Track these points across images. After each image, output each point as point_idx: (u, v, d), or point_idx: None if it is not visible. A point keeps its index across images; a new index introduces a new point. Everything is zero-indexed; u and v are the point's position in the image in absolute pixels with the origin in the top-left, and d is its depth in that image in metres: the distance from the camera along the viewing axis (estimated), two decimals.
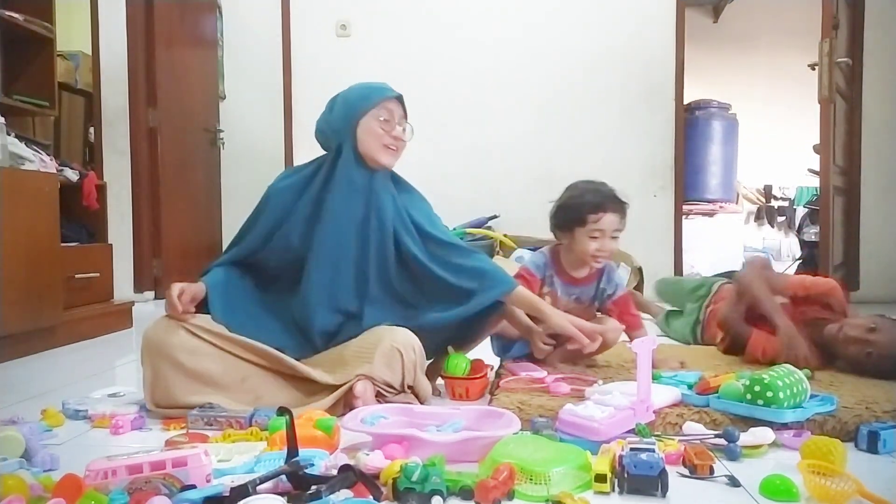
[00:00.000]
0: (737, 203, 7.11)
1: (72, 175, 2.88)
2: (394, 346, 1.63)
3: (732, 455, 1.31)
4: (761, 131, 7.10)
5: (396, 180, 1.83)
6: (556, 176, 4.13)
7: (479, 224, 3.78)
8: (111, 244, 3.19)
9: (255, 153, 5.17)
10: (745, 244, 6.94)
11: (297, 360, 1.69)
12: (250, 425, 1.51)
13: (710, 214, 6.68)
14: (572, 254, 1.98)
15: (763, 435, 1.37)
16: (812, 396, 1.49)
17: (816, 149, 4.87)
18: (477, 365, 1.81)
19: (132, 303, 3.15)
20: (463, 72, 4.20)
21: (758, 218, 7.58)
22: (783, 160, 7.33)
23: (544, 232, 3.85)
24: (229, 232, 5.07)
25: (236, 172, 5.16)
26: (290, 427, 1.16)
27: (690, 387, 1.61)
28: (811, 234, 4.94)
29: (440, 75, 4.17)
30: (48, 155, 2.78)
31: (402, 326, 1.69)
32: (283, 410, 1.23)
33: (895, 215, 3.86)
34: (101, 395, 1.77)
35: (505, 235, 3.72)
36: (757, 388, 1.43)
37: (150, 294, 4.22)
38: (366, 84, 1.77)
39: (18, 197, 2.41)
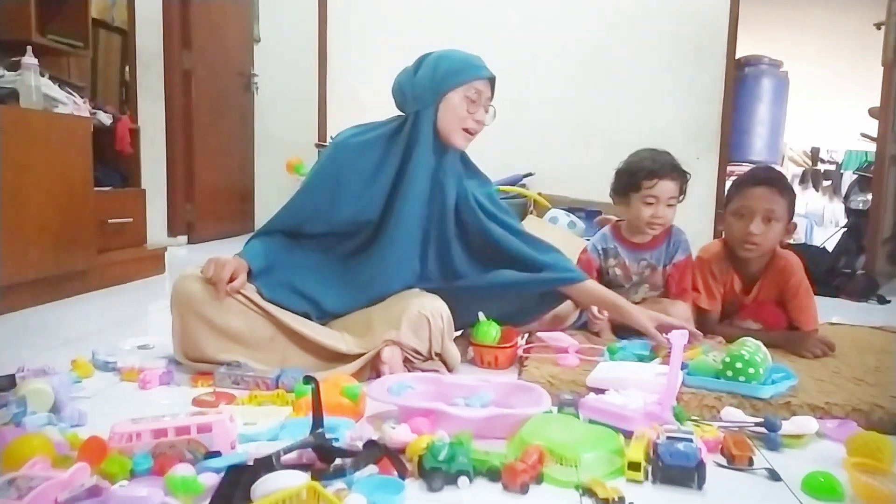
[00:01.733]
0: (781, 165, 6.86)
1: (105, 118, 2.86)
2: (421, 312, 1.59)
3: (773, 445, 1.26)
4: (812, 91, 6.80)
5: (465, 162, 1.80)
6: (595, 135, 4.06)
7: (514, 181, 3.69)
8: (144, 189, 3.18)
9: (289, 99, 5.11)
10: None
11: (330, 317, 1.68)
12: (277, 387, 1.50)
13: None
14: (630, 220, 1.98)
15: (806, 425, 1.31)
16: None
17: (872, 113, 4.64)
18: (507, 333, 1.77)
19: (165, 248, 3.17)
20: (502, 24, 4.04)
21: (802, 181, 7.31)
22: (833, 122, 7.04)
23: (579, 191, 3.80)
24: (262, 178, 5.09)
25: (270, 118, 5.12)
26: (316, 396, 1.14)
27: (642, 358, 1.63)
28: (858, 202, 4.73)
29: (478, 26, 4.02)
30: (82, 97, 2.75)
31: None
32: (308, 379, 1.21)
33: None
34: (131, 347, 1.78)
35: (539, 194, 3.63)
36: (738, 365, 1.44)
37: (184, 238, 4.24)
38: (461, 55, 1.66)
39: (52, 140, 2.39)
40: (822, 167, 7.31)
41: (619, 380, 1.44)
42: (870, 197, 4.66)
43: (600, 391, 1.41)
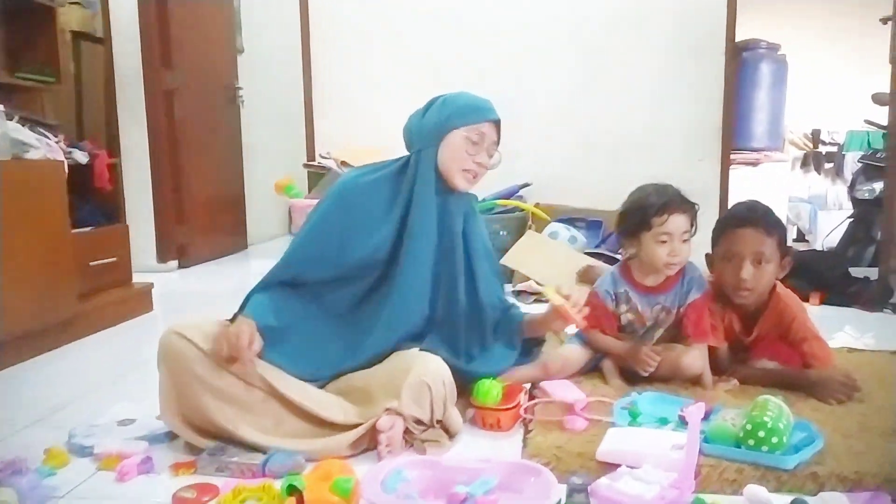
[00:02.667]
0: (783, 150, 6.73)
1: (81, 157, 2.74)
2: (423, 379, 1.48)
3: None
4: (811, 72, 6.66)
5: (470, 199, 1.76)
6: (595, 141, 3.92)
7: (511, 193, 3.57)
8: (128, 225, 3.08)
9: (275, 111, 4.98)
10: (791, 194, 6.60)
11: (329, 379, 1.60)
12: (263, 474, 1.40)
13: (754, 164, 6.30)
14: (643, 263, 1.84)
15: (835, 502, 1.21)
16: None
17: (876, 99, 4.50)
18: (509, 391, 1.66)
19: (151, 285, 3.05)
20: (495, 29, 3.89)
21: (804, 164, 7.19)
22: (833, 103, 6.90)
23: (580, 200, 3.68)
24: (252, 189, 4.97)
25: (257, 130, 4.98)
26: None
27: (663, 422, 1.53)
28: (864, 191, 4.62)
29: (471, 28, 3.88)
30: (55, 136, 2.63)
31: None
32: (292, 488, 1.10)
33: None
34: (110, 423, 1.67)
35: (537, 205, 3.51)
36: (761, 434, 1.34)
37: (174, 263, 4.12)
38: (469, 98, 1.66)
39: (22, 189, 2.28)
40: (823, 149, 7.18)
41: (632, 454, 1.33)
42: (876, 186, 4.55)
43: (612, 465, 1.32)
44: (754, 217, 1.77)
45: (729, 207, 1.95)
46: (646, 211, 1.77)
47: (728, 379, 1.81)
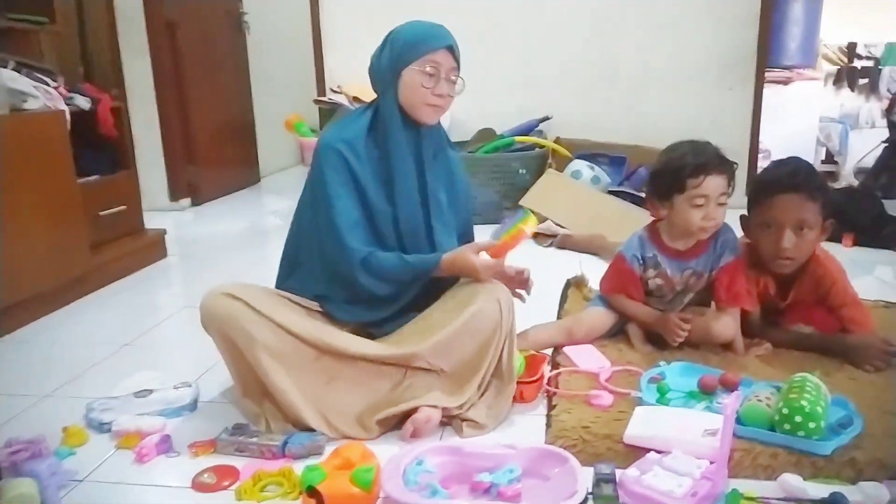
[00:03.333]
0: (815, 68, 6.39)
1: (83, 103, 2.62)
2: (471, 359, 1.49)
3: None
4: None
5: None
6: (619, 70, 3.69)
7: (529, 128, 3.41)
8: (136, 169, 2.99)
9: (283, 38, 4.77)
10: (822, 114, 6.31)
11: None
12: (283, 454, 1.38)
13: (786, 82, 6.01)
14: (675, 226, 1.73)
15: (876, 494, 1.16)
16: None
17: None
18: (532, 361, 1.61)
19: (164, 231, 2.99)
20: None
21: (837, 81, 6.84)
22: (872, 12, 6.47)
23: (601, 134, 3.51)
24: (262, 119, 4.83)
25: (265, 58, 4.80)
26: None
27: (693, 397, 1.49)
28: None
29: None
30: (55, 81, 2.52)
31: None
32: (312, 488, 1.07)
33: None
34: (128, 395, 1.64)
35: (557, 140, 3.36)
36: (798, 419, 1.27)
37: (187, 201, 4.07)
38: (416, 29, 1.53)
39: (24, 143, 2.19)
40: (858, 64, 6.81)
41: (661, 440, 1.29)
42: None
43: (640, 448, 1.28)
44: (797, 181, 1.64)
45: (766, 167, 1.79)
46: (680, 172, 1.64)
47: (760, 343, 1.74)
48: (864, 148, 5.82)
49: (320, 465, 1.26)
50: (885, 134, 4.67)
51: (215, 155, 4.31)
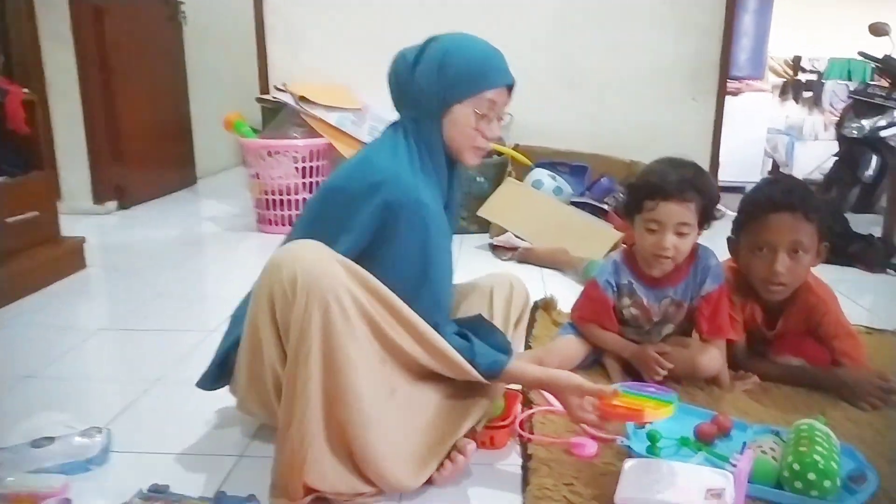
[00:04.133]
0: (763, 79, 6.47)
1: None
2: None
3: None
4: None
5: None
6: (580, 76, 3.56)
7: None
8: (53, 171, 2.70)
9: (223, 30, 4.46)
10: (769, 125, 6.38)
11: None
12: None
13: (735, 93, 6.05)
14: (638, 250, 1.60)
15: None
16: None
17: (874, 29, 4.22)
18: (510, 401, 1.42)
19: (83, 239, 2.68)
20: None
21: (783, 93, 6.98)
22: (816, 29, 6.61)
23: (563, 142, 3.37)
24: (200, 117, 4.50)
25: (203, 51, 4.49)
26: None
27: (685, 444, 1.32)
28: (853, 128, 4.39)
29: None
30: None
31: None
32: None
33: None
34: (23, 445, 1.36)
35: (516, 147, 3.19)
36: (811, 477, 1.12)
37: (113, 204, 3.72)
38: (476, 55, 1.29)
39: None
40: (803, 77, 6.94)
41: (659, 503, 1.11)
42: (865, 123, 4.34)
43: None
44: (792, 200, 1.50)
45: (757, 184, 1.66)
46: (639, 191, 1.51)
47: (748, 376, 1.60)
48: (810, 160, 5.90)
49: None
50: (832, 147, 4.69)
51: (146, 154, 3.98)
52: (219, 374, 1.34)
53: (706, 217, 1.52)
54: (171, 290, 2.44)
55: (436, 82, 1.26)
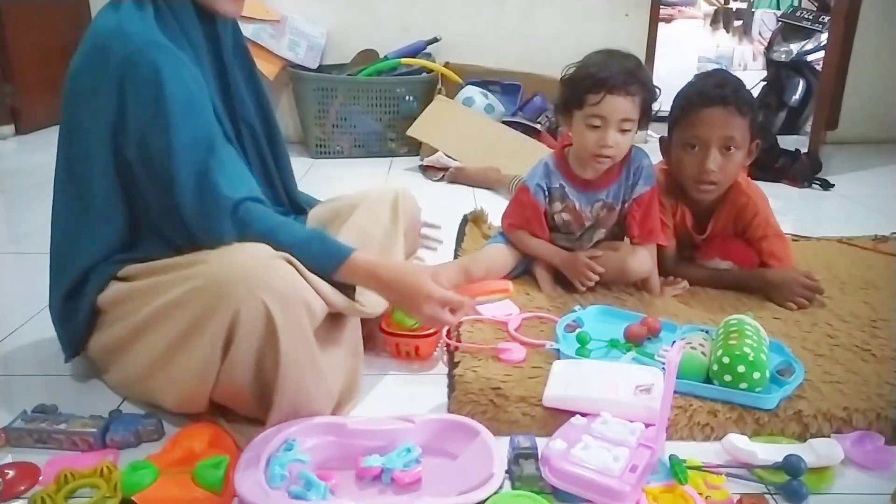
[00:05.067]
0: (695, 5, 6.45)
1: None
2: None
3: (798, 498, 0.94)
4: None
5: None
6: None
7: (417, 51, 3.06)
8: None
9: None
10: (700, 54, 6.38)
11: None
12: (104, 444, 1.04)
13: (668, 20, 6.01)
14: (575, 149, 1.50)
15: (829, 453, 1.00)
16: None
17: None
18: None
19: None
20: None
21: (714, 21, 6.97)
22: None
23: (493, 60, 3.23)
24: None
25: None
26: None
27: (614, 345, 1.29)
28: (781, 52, 4.42)
29: None
30: None
31: None
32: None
33: (888, 47, 3.37)
34: None
35: (446, 65, 3.05)
36: (741, 369, 1.10)
37: (9, 129, 3.41)
38: None
39: None
40: (734, 6, 6.96)
41: (587, 400, 1.07)
42: (793, 47, 4.37)
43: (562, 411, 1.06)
44: (724, 94, 1.44)
45: (691, 80, 1.58)
46: (580, 83, 1.40)
47: (677, 281, 1.57)
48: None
49: (151, 460, 0.94)
50: (759, 76, 4.73)
51: (43, 76, 3.62)
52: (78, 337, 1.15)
53: (646, 114, 1.44)
54: None
55: None
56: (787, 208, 2.44)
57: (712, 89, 1.46)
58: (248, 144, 1.19)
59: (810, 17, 4.23)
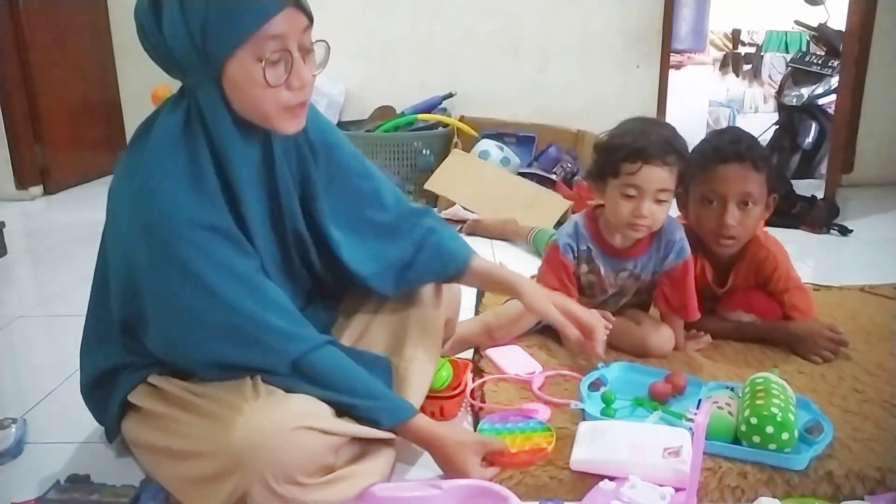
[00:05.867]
0: (704, 51, 6.55)
1: None
2: None
3: None
4: None
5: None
6: (523, 44, 3.51)
7: (433, 105, 3.15)
8: None
9: None
10: (711, 98, 6.46)
11: None
12: None
13: (678, 67, 6.11)
14: (607, 216, 1.49)
15: None
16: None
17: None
18: (457, 370, 1.36)
19: (2, 224, 2.49)
20: None
21: (723, 66, 7.08)
22: (755, 1, 6.71)
23: (508, 112, 3.31)
24: (129, 95, 4.27)
25: (128, 28, 4.23)
26: None
27: (640, 404, 1.28)
28: (792, 97, 4.45)
29: None
30: None
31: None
32: None
33: None
34: None
35: (461, 118, 3.12)
36: (769, 430, 1.09)
37: (38, 189, 3.50)
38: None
39: None
40: (742, 50, 7.05)
41: (615, 464, 1.06)
42: (804, 91, 4.41)
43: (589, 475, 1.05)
44: (740, 150, 1.47)
45: (705, 137, 1.61)
46: (616, 152, 1.39)
47: (700, 335, 1.57)
48: (750, 131, 6.01)
49: None
50: (772, 119, 4.77)
51: (71, 135, 3.75)
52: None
53: (682, 182, 1.44)
54: None
55: (185, 36, 0.89)
56: (806, 255, 2.45)
57: (728, 146, 1.48)
58: (294, 250, 1.13)
59: (819, 61, 4.28)
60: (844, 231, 2.63)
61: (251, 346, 0.99)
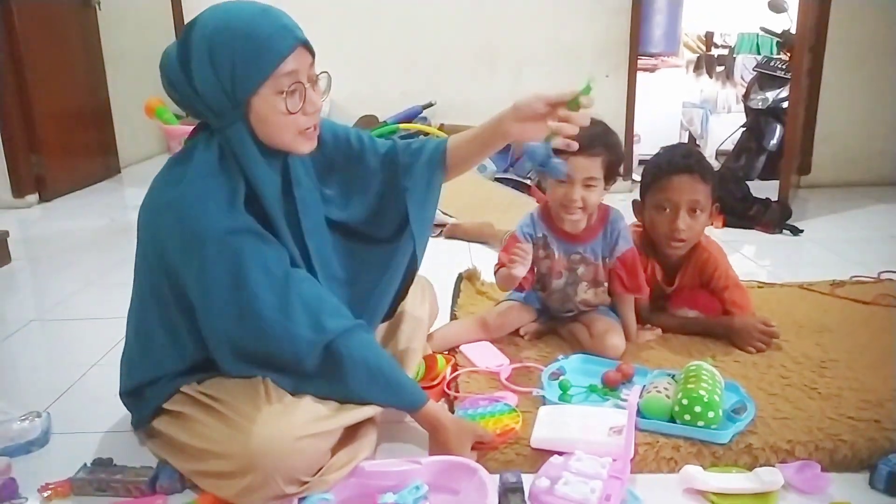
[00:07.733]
0: (678, 55, 6.75)
1: None
2: None
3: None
4: None
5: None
6: (498, 57, 3.70)
7: (413, 115, 3.32)
8: None
9: (139, 13, 4.38)
10: (684, 100, 6.68)
11: None
12: (153, 490, 1.21)
13: (652, 70, 6.30)
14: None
15: (771, 479, 1.18)
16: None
17: (772, 5, 4.49)
18: (430, 364, 1.53)
19: (6, 233, 2.64)
20: None
21: (697, 68, 7.28)
22: (727, 4, 6.93)
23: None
24: (120, 104, 4.41)
25: (119, 35, 4.38)
26: None
27: (594, 391, 1.47)
28: (758, 100, 4.67)
29: None
30: None
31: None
32: None
33: (855, 96, 3.62)
34: None
35: (441, 127, 3.29)
36: (697, 409, 1.28)
37: (34, 197, 3.64)
38: (246, 29, 1.08)
39: None
40: (715, 52, 7.27)
41: (568, 441, 1.25)
42: (769, 95, 4.62)
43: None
44: (690, 163, 1.67)
45: (658, 151, 1.80)
46: (549, 144, 1.55)
47: (651, 328, 1.76)
48: (723, 131, 6.20)
49: (197, 501, 1.12)
50: (743, 118, 4.98)
51: (65, 143, 3.89)
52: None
53: (612, 173, 1.62)
54: (100, 279, 2.45)
55: (216, 84, 1.09)
56: (761, 254, 2.64)
57: (680, 159, 1.68)
58: (317, 265, 1.28)
59: (783, 66, 4.49)
60: (795, 231, 2.83)
61: (284, 325, 1.14)
